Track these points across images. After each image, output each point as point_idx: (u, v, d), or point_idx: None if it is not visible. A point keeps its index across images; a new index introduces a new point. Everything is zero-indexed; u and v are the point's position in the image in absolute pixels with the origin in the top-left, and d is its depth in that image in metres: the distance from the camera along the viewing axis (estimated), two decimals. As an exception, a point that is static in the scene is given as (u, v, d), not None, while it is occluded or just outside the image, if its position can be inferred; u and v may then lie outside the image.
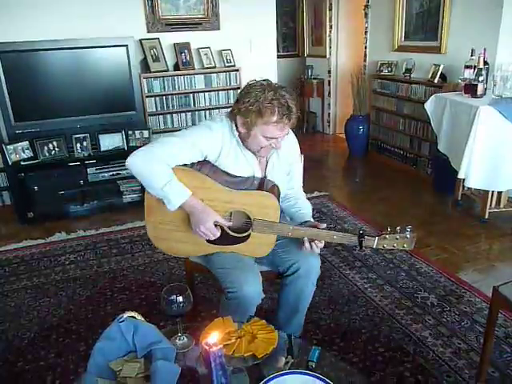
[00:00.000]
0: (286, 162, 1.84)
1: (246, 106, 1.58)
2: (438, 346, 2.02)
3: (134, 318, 1.31)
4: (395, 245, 1.60)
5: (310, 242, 1.65)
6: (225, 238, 1.71)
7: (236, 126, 1.66)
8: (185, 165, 1.67)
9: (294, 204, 1.87)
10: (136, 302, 2.44)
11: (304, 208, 1.86)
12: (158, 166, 1.59)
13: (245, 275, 1.64)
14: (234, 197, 1.67)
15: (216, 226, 1.66)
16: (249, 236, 1.71)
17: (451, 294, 2.40)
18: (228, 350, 1.26)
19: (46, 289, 2.61)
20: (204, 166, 1.69)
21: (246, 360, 1.26)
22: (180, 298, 1.30)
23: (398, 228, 1.59)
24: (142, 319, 1.33)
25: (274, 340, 1.31)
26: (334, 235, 1.63)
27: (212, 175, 1.67)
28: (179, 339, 1.35)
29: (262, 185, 1.72)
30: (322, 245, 1.66)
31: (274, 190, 1.73)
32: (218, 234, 1.66)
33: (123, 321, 1.27)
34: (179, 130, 4.37)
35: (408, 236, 1.59)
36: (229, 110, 1.72)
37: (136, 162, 1.61)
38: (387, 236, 1.59)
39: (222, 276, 1.69)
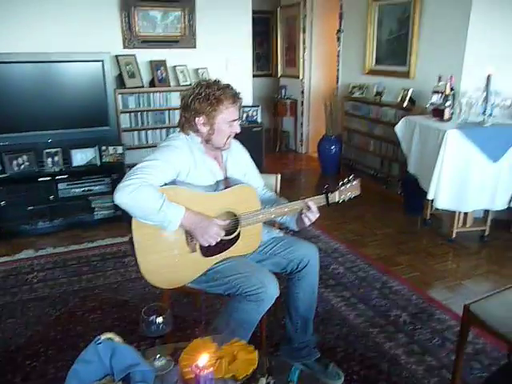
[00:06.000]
0: (241, 162, 1.96)
1: (203, 106, 1.71)
2: (411, 363, 2.06)
3: (112, 339, 1.28)
4: (349, 193, 1.87)
5: (304, 217, 1.82)
6: (220, 244, 1.73)
7: (196, 130, 1.76)
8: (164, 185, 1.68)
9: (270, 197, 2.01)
10: (108, 322, 2.38)
11: (279, 198, 2.02)
12: (147, 190, 1.57)
13: (264, 275, 1.68)
14: (215, 200, 1.74)
15: None
16: (239, 234, 1.77)
17: (422, 312, 2.46)
18: (208, 371, 1.25)
19: (12, 308, 2.50)
20: (177, 182, 1.73)
21: (227, 382, 1.25)
22: (159, 319, 1.28)
23: (346, 180, 1.87)
24: (121, 340, 1.30)
25: (254, 360, 1.30)
26: (308, 202, 1.81)
27: (188, 187, 1.72)
28: (158, 361, 1.33)
29: (230, 183, 1.83)
30: (315, 213, 1.83)
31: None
32: (223, 233, 1.70)
33: (100, 343, 1.24)
34: (153, 146, 4.36)
35: (354, 183, 1.87)
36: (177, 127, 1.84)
37: (125, 195, 1.56)
38: (341, 188, 1.86)
39: (239, 282, 1.66)
